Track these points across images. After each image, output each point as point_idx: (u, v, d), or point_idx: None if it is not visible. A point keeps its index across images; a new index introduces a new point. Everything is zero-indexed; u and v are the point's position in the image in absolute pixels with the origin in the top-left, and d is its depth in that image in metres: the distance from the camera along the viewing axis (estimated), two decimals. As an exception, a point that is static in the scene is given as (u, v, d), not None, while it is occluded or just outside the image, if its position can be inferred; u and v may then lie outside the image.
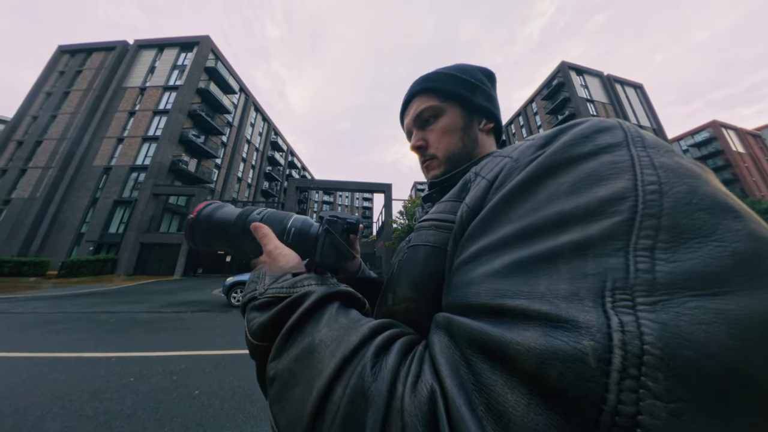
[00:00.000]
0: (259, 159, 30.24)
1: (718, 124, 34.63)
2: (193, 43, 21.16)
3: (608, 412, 0.09)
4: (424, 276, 0.27)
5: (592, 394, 0.10)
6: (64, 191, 17.14)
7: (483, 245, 0.19)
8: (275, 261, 0.30)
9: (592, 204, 0.15)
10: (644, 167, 0.15)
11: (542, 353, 0.11)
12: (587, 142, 0.18)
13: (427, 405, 0.14)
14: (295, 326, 0.22)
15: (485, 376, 0.13)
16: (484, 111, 0.43)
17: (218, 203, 0.40)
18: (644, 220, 0.13)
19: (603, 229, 0.14)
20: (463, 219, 0.24)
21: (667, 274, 0.11)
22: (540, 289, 0.14)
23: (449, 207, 0.29)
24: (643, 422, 0.09)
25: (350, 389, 0.16)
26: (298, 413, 0.17)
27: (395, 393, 0.15)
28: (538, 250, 0.15)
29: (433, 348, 0.17)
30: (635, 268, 0.12)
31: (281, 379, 0.20)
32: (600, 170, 0.16)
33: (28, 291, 8.73)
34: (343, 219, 0.36)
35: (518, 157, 0.23)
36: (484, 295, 0.16)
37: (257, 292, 0.27)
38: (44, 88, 21.38)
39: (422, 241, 0.29)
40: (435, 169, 0.44)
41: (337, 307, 0.23)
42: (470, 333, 0.15)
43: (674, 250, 0.12)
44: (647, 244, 0.12)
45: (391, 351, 0.18)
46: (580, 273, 0.13)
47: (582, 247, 0.14)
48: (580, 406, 0.10)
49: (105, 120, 19.15)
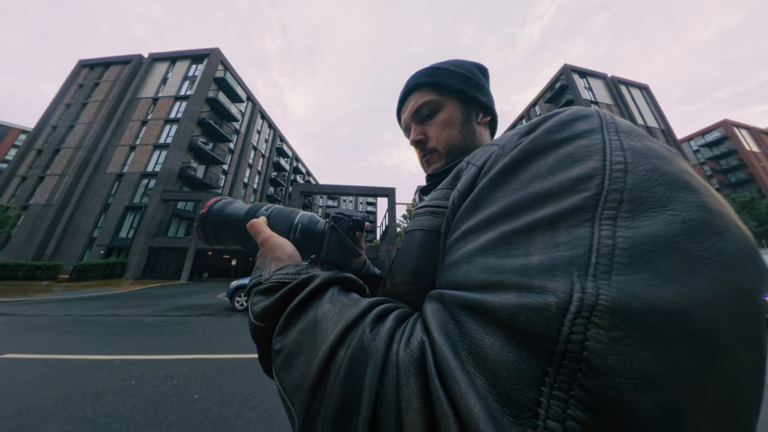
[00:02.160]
0: (265, 165, 30.83)
1: (729, 123, 33.79)
2: (204, 55, 22.03)
3: (562, 341, 0.11)
4: (420, 258, 0.28)
5: (551, 330, 0.12)
6: (79, 197, 17.75)
7: (471, 225, 0.21)
8: (272, 249, 0.32)
9: (566, 182, 0.16)
10: (614, 150, 0.17)
11: (514, 306, 0.13)
12: (566, 128, 0.20)
13: (418, 353, 0.16)
14: (300, 305, 0.23)
15: (468, 327, 0.15)
16: (481, 105, 0.43)
17: (228, 199, 0.41)
18: (609, 194, 0.15)
19: (573, 203, 0.15)
20: (454, 203, 0.25)
21: (625, 239, 0.13)
22: (519, 261, 0.15)
23: (443, 194, 0.30)
24: (588, 346, 0.11)
25: (351, 349, 0.18)
26: (304, 376, 0.19)
27: (391, 349, 0.17)
28: (519, 225, 0.17)
29: (425, 313, 0.19)
30: (599, 235, 0.13)
31: (287, 349, 0.21)
32: (575, 153, 0.18)
33: (40, 294, 8.95)
34: (349, 216, 0.36)
35: (505, 144, 0.24)
36: (471, 272, 0.18)
37: (263, 277, 0.28)
38: (64, 100, 22.48)
39: (418, 226, 0.30)
40: (435, 163, 0.43)
41: (338, 289, 0.25)
42: (459, 298, 0.17)
43: (633, 218, 0.13)
44: (611, 214, 0.14)
45: (387, 319, 0.20)
46: (553, 243, 0.15)
47: (555, 220, 0.15)
48: (541, 339, 0.12)
49: (119, 129, 19.94)
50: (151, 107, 20.87)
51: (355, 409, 0.15)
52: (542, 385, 0.11)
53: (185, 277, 15.37)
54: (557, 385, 0.11)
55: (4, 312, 5.70)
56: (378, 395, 0.15)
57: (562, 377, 0.11)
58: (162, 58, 22.49)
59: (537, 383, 0.11)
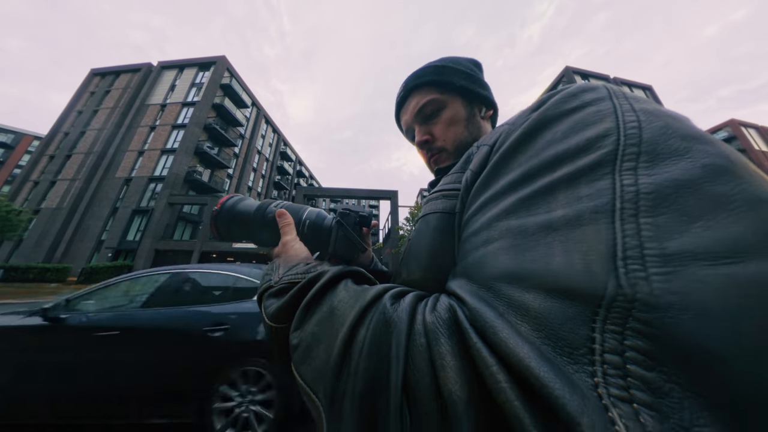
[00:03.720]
0: (269, 169, 31.21)
1: (736, 123, 33.19)
2: (211, 62, 22.62)
3: (612, 284, 0.11)
4: (436, 240, 0.27)
5: (598, 281, 0.11)
6: (88, 201, 18.19)
7: (488, 195, 0.20)
8: (287, 252, 0.33)
9: (582, 143, 0.17)
10: (625, 112, 0.17)
11: (557, 266, 0.13)
12: (575, 99, 0.20)
13: (447, 314, 0.15)
14: (314, 298, 0.23)
15: (504, 290, 0.14)
16: (483, 99, 0.43)
17: (240, 196, 0.42)
18: (626, 149, 0.15)
19: (591, 160, 0.15)
20: (468, 182, 0.25)
21: (648, 184, 0.13)
22: (541, 218, 0.15)
23: (455, 178, 0.30)
24: (637, 285, 0.11)
25: (373, 325, 0.17)
26: (325, 362, 0.18)
27: (415, 320, 0.16)
28: (537, 186, 0.17)
29: (450, 286, 0.18)
30: (621, 183, 0.14)
31: (305, 342, 0.21)
32: (586, 118, 0.18)
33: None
34: (355, 212, 0.37)
35: (514, 121, 0.25)
36: (493, 237, 0.17)
37: (273, 281, 0.29)
38: (76, 107, 23.20)
39: (431, 210, 0.30)
40: (444, 162, 0.43)
41: (350, 281, 0.25)
42: (489, 266, 0.16)
43: (653, 167, 0.14)
44: (630, 165, 0.14)
45: (406, 296, 0.19)
46: (575, 197, 0.15)
47: (575, 177, 0.15)
48: (588, 289, 0.11)
49: (128, 134, 20.49)
50: (159, 113, 21.41)
51: (383, 382, 0.15)
52: (593, 323, 0.11)
53: (190, 279, 15.45)
54: (610, 321, 0.11)
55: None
56: (407, 363, 0.15)
57: (614, 314, 0.11)
58: (170, 66, 23.13)
59: (588, 321, 0.11)
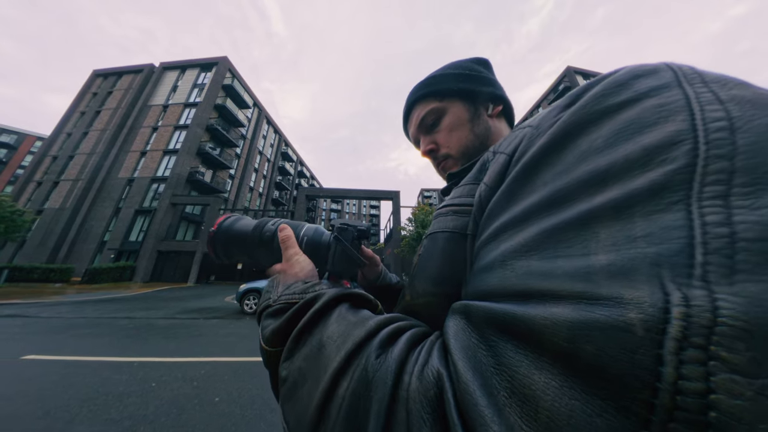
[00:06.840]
0: (270, 169, 31.23)
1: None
2: (213, 63, 22.64)
3: (666, 390, 0.07)
4: (444, 265, 0.24)
5: (641, 368, 0.08)
6: (91, 202, 18.20)
7: (505, 221, 0.17)
8: (290, 267, 0.31)
9: (635, 155, 0.12)
10: (704, 104, 0.12)
11: (574, 325, 0.09)
12: (624, 90, 0.15)
13: (433, 390, 0.13)
14: (306, 327, 0.21)
15: (507, 357, 0.11)
16: (489, 96, 0.41)
17: (236, 216, 0.41)
18: (709, 163, 0.10)
19: (651, 180, 0.11)
20: (482, 198, 0.22)
21: (751, 225, 0.08)
22: (576, 263, 0.11)
23: (467, 190, 0.27)
24: (718, 402, 0.07)
25: (354, 382, 0.16)
26: (305, 409, 0.17)
27: (401, 383, 0.14)
28: (569, 216, 0.13)
29: (446, 333, 0.16)
30: (702, 221, 0.09)
31: (292, 377, 0.19)
32: (642, 117, 0.13)
33: (53, 296, 9.13)
34: (353, 227, 0.36)
35: (539, 123, 0.20)
36: (508, 278, 0.14)
37: (271, 299, 0.27)
38: (79, 108, 23.25)
39: (440, 228, 0.27)
40: (452, 168, 0.42)
41: (347, 307, 0.22)
42: (490, 313, 0.13)
43: (759, 195, 0.09)
44: (717, 191, 0.10)
45: (398, 342, 0.17)
46: (625, 237, 0.10)
47: (624, 206, 0.11)
48: (627, 384, 0.08)
49: (131, 135, 20.51)
50: (161, 114, 21.43)
51: None
52: None
53: (192, 280, 15.51)
54: None
55: (21, 314, 5.83)
56: None
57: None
58: (172, 67, 23.15)
59: None
